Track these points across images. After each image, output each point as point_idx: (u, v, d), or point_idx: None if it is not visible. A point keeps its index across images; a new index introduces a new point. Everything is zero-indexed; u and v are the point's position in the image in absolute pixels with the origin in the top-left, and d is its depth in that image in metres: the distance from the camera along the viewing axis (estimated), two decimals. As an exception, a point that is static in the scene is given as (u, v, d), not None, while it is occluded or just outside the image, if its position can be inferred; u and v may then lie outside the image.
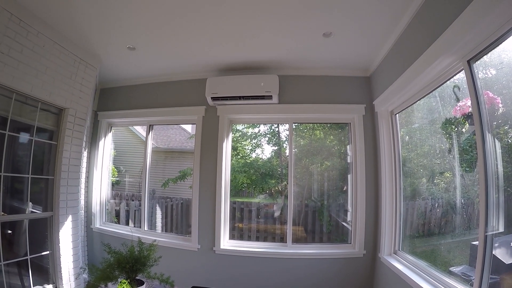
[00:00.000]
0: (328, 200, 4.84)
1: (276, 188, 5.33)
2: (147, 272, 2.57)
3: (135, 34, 3.48)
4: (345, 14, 2.94)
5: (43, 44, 3.32)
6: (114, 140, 5.50)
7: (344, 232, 4.48)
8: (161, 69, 4.53)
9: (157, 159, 6.74)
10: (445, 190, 2.94)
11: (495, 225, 2.00)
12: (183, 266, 4.27)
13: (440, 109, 2.92)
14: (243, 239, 5.10)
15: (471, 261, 2.37)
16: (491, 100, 2.12)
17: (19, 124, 3.34)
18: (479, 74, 2.16)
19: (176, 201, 5.80)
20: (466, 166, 2.52)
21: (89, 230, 4.86)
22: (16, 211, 3.38)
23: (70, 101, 3.74)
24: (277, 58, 4.04)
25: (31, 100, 3.38)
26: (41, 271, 3.55)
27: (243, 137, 5.70)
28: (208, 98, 4.22)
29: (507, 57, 2.04)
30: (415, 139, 3.62)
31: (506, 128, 2.10)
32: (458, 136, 2.62)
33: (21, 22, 3.02)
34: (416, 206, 3.50)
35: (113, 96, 5.10)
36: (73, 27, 3.37)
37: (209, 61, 4.19)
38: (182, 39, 3.56)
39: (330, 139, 5.03)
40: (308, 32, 3.31)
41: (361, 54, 3.81)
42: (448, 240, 2.91)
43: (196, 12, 2.98)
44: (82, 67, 3.89)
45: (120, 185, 6.01)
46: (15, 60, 2.99)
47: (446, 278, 2.51)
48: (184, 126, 7.89)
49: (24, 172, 3.41)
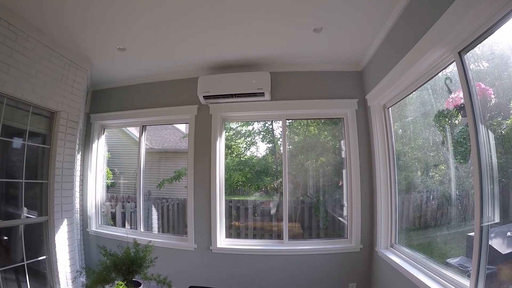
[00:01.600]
0: (324, 195, 4.84)
1: (272, 185, 5.33)
2: (143, 273, 2.56)
3: (125, 35, 3.46)
4: (335, 9, 2.94)
5: (33, 48, 3.29)
6: (107, 142, 5.47)
7: (340, 227, 4.49)
8: (153, 69, 4.51)
9: (152, 160, 6.74)
10: (440, 182, 2.95)
11: (491, 215, 2.01)
12: (180, 266, 4.26)
13: (432, 101, 2.93)
14: (240, 237, 5.11)
15: (467, 252, 2.38)
16: (483, 91, 2.12)
17: (11, 129, 3.30)
18: (470, 66, 2.16)
19: (172, 202, 5.79)
20: (461, 158, 2.53)
21: (85, 234, 4.84)
22: (11, 217, 3.34)
23: (61, 104, 3.71)
24: (268, 55, 4.03)
25: (23, 105, 3.34)
26: (38, 276, 3.52)
27: (237, 135, 5.69)
28: (200, 96, 4.21)
29: (498, 48, 2.05)
30: (409, 133, 3.63)
31: (499, 119, 2.11)
32: (452, 128, 2.63)
33: (10, 26, 2.98)
34: (411, 199, 3.51)
35: (105, 97, 5.07)
36: (62, 30, 3.34)
37: (201, 59, 4.17)
38: (173, 38, 3.54)
39: (325, 134, 5.03)
40: (298, 28, 3.31)
41: (352, 49, 3.81)
42: (444, 232, 2.92)
43: (186, 11, 2.96)
44: (73, 70, 3.86)
45: (115, 187, 5.99)
46: (5, 64, 2.96)
47: (443, 270, 2.53)
48: (178, 126, 7.87)
49: (18, 177, 3.37)
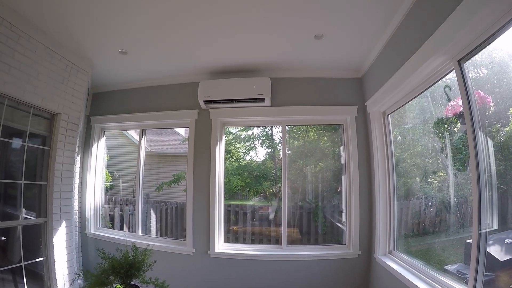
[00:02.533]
0: (323, 201, 4.84)
1: (271, 190, 5.32)
2: (142, 277, 2.56)
3: (127, 38, 3.48)
4: (336, 16, 2.97)
5: (35, 49, 3.30)
6: (107, 145, 5.47)
7: (339, 233, 4.48)
8: (154, 73, 4.53)
9: (151, 163, 6.71)
10: (438, 189, 2.96)
11: (489, 222, 2.01)
12: (178, 270, 4.24)
13: (432, 109, 2.95)
14: (238, 242, 5.08)
15: (466, 259, 2.38)
16: (482, 99, 2.14)
17: (11, 129, 3.30)
18: (469, 73, 2.18)
19: (171, 205, 5.77)
20: (459, 165, 2.54)
21: (83, 236, 4.82)
22: (9, 218, 3.34)
23: (62, 106, 3.72)
24: (269, 61, 4.05)
25: (23, 106, 3.35)
26: (35, 278, 3.50)
27: (237, 140, 5.69)
28: (201, 101, 4.22)
29: (498, 56, 2.06)
30: (408, 139, 3.64)
31: (498, 126, 2.12)
32: (451, 135, 2.64)
33: (12, 27, 2.99)
34: (410, 205, 3.51)
35: (105, 100, 5.08)
36: (64, 32, 3.35)
37: (201, 64, 4.19)
38: (174, 43, 3.57)
39: (324, 140, 5.03)
40: (299, 34, 3.33)
41: (352, 56, 3.83)
42: (443, 239, 2.93)
43: (187, 16, 2.98)
44: (74, 72, 3.87)
45: (114, 190, 5.97)
46: (6, 65, 2.96)
47: (441, 276, 2.53)
48: (178, 130, 7.85)
49: (17, 178, 3.37)
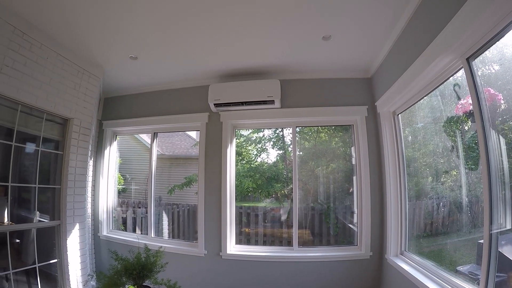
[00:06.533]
0: (335, 202, 4.82)
1: (282, 191, 5.32)
2: (154, 278, 2.59)
3: (137, 44, 3.53)
4: (343, 17, 2.96)
5: (47, 56, 3.37)
6: (119, 148, 5.54)
7: (351, 234, 4.46)
8: (164, 77, 4.57)
9: (163, 166, 6.78)
10: (451, 188, 2.92)
11: (502, 222, 1.97)
12: (190, 271, 4.27)
13: (442, 108, 2.91)
14: (250, 243, 5.11)
15: (478, 259, 2.33)
16: (492, 97, 2.11)
17: (25, 135, 3.39)
18: (479, 71, 2.15)
19: (183, 208, 5.82)
20: (472, 164, 2.49)
21: (96, 238, 4.89)
22: (24, 220, 3.42)
23: (74, 111, 3.79)
24: (278, 63, 4.06)
25: (36, 111, 3.43)
26: (49, 279, 3.57)
27: (248, 142, 5.71)
28: (211, 104, 4.25)
29: (509, 51, 2.02)
30: (419, 139, 3.60)
31: (511, 123, 2.08)
32: (462, 134, 2.61)
33: (24, 35, 3.07)
34: (422, 205, 3.47)
35: (117, 105, 5.15)
36: (75, 39, 3.42)
37: (211, 67, 4.22)
38: (183, 47, 3.60)
39: (335, 141, 5.02)
40: (307, 36, 3.33)
41: (361, 56, 3.81)
42: (455, 239, 2.88)
43: (196, 20, 3.01)
44: (85, 78, 3.94)
45: (127, 193, 6.05)
46: (19, 72, 3.04)
47: (453, 277, 2.49)
48: (189, 133, 7.91)
49: (31, 182, 3.45)
